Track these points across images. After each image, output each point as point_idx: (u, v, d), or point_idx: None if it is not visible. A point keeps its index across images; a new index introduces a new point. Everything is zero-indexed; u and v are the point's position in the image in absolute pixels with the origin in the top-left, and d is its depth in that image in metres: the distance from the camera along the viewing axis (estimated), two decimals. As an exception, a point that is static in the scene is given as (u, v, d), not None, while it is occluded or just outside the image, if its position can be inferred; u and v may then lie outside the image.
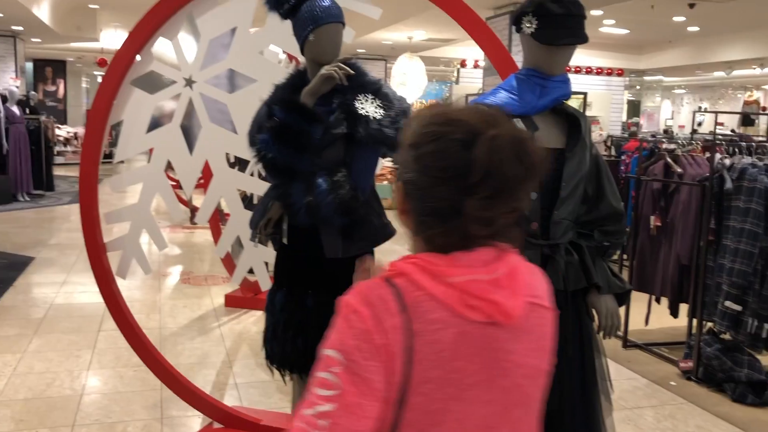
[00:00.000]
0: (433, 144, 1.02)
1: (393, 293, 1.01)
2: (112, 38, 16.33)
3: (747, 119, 16.53)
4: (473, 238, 1.03)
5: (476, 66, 15.68)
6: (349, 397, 0.96)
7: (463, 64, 16.04)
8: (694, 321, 4.26)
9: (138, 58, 3.00)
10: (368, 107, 2.23)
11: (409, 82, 13.23)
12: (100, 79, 27.67)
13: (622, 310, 2.13)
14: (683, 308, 4.59)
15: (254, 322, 4.88)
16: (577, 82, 8.87)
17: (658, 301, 4.84)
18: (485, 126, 1.02)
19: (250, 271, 3.59)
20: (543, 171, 1.06)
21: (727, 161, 4.21)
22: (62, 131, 16.88)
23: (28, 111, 11.36)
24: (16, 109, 10.49)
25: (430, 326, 0.99)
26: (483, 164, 0.99)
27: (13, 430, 3.22)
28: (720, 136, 5.40)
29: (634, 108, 23.68)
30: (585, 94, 12.03)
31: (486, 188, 0.99)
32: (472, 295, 1.00)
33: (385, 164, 4.16)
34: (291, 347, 2.35)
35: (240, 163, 4.91)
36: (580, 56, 13.65)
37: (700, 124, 16.55)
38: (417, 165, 1.04)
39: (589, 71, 15.67)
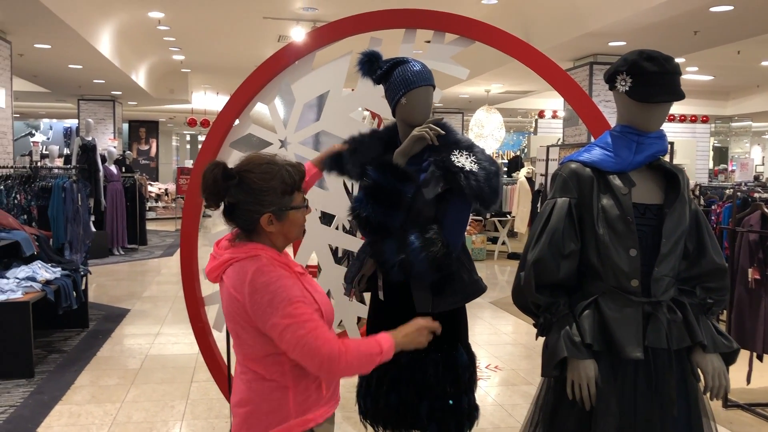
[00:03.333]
0: None
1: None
2: (202, 99, 17.22)
3: None
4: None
5: (555, 116, 15.63)
6: None
7: (541, 114, 16.03)
8: (802, 380, 4.01)
9: (237, 121, 3.18)
10: (464, 162, 2.28)
11: (487, 134, 13.29)
12: (189, 138, 29.00)
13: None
14: (788, 366, 4.34)
15: (340, 375, 4.91)
16: (661, 130, 8.74)
17: (760, 358, 4.59)
18: None
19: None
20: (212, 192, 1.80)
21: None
22: (154, 188, 17.75)
23: (123, 169, 12.03)
24: (113, 168, 11.13)
25: None
26: None
27: (114, 478, 3.34)
28: (820, 185, 5.15)
29: (721, 155, 22.89)
30: (671, 143, 11.78)
31: None
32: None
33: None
34: (384, 402, 2.36)
35: (324, 218, 5.05)
36: (663, 104, 13.39)
37: (794, 171, 15.81)
38: None
39: (672, 119, 15.34)
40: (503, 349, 5.85)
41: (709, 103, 15.82)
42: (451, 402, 2.34)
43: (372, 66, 2.46)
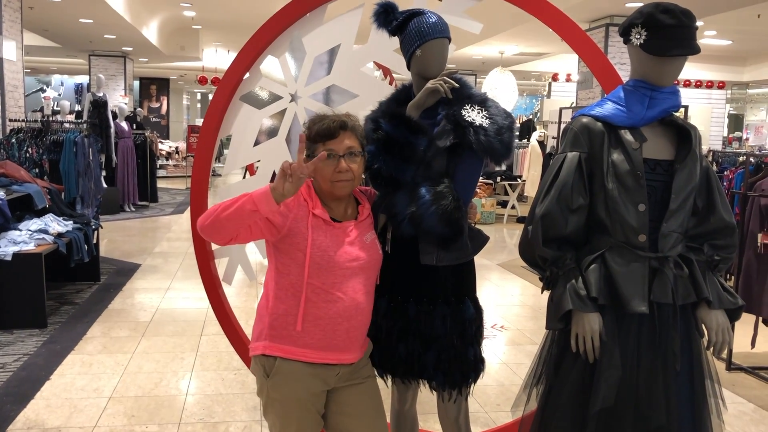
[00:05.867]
0: None
1: None
2: (213, 57, 17.09)
3: None
4: None
5: (568, 80, 15.46)
6: None
7: (554, 78, 15.85)
8: (807, 345, 4.03)
9: (247, 75, 3.16)
10: (475, 116, 2.26)
11: (500, 97, 13.17)
12: (199, 96, 28.85)
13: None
14: (794, 331, 4.35)
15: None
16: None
17: (765, 322, 4.60)
18: None
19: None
20: None
21: None
22: (164, 146, 17.76)
23: (134, 126, 12.03)
24: (124, 125, 11.14)
25: None
26: None
27: (125, 424, 3.42)
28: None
29: (736, 122, 22.64)
30: (686, 107, 11.61)
31: None
32: None
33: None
34: (393, 353, 2.39)
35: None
36: (679, 68, 13.22)
37: (810, 139, 15.60)
38: None
39: (687, 84, 15.14)
40: (510, 309, 5.89)
41: (726, 68, 15.57)
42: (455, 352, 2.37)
43: (387, 17, 2.43)
